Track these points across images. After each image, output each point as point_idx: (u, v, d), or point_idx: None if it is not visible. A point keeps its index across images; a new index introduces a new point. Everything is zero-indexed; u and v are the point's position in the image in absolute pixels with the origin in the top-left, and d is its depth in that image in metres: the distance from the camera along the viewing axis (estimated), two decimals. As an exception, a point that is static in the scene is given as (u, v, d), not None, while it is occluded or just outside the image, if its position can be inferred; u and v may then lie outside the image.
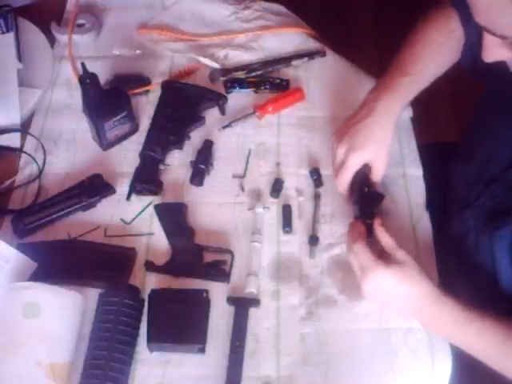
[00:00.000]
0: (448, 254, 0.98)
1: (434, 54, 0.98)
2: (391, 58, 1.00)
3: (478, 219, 0.90)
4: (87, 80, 0.98)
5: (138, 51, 1.20)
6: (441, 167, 1.03)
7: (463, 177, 0.98)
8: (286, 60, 1.17)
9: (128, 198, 1.00)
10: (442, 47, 0.99)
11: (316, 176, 1.01)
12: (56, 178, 1.03)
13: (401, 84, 0.95)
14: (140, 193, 1.00)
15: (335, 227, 0.96)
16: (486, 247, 0.87)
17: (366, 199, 0.91)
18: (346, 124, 0.95)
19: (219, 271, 0.91)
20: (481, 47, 0.72)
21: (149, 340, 0.84)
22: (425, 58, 0.97)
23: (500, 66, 0.73)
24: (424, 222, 0.97)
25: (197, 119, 1.08)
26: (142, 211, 0.98)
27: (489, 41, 0.68)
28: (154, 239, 0.96)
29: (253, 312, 0.88)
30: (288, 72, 1.16)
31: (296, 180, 1.02)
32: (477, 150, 0.95)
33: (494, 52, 0.70)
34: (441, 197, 1.01)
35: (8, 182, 1.01)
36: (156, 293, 0.88)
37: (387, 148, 0.93)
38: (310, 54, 1.18)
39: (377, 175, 0.93)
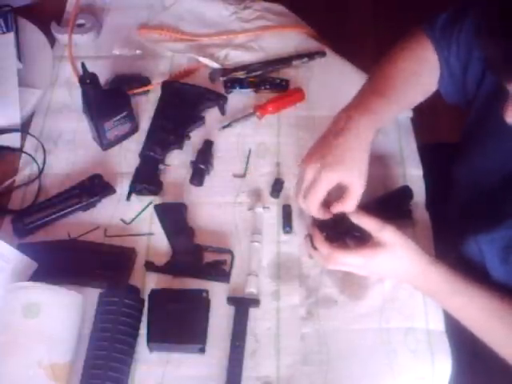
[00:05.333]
0: (448, 254, 0.98)
1: (408, 82, 0.94)
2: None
3: (476, 221, 0.90)
4: (87, 80, 0.98)
5: (138, 51, 1.20)
6: (441, 167, 1.02)
7: (462, 177, 0.98)
8: (285, 60, 1.17)
9: (128, 198, 1.00)
10: (415, 77, 0.95)
11: (316, 176, 1.00)
12: (56, 178, 1.03)
13: (376, 105, 0.88)
14: (140, 193, 1.00)
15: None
16: (475, 248, 0.88)
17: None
18: (315, 146, 0.88)
19: (219, 271, 0.91)
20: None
21: (149, 340, 0.84)
22: (397, 84, 0.93)
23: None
24: (424, 222, 0.96)
25: (197, 119, 1.08)
26: (142, 211, 0.98)
27: None
28: (154, 239, 0.96)
29: (253, 312, 0.88)
30: (288, 72, 1.16)
31: (296, 180, 1.02)
32: (470, 154, 0.95)
33: None
34: (441, 197, 1.01)
35: (8, 182, 1.01)
36: (156, 293, 0.88)
37: (364, 168, 0.84)
38: (310, 54, 1.18)
39: (352, 198, 0.83)
